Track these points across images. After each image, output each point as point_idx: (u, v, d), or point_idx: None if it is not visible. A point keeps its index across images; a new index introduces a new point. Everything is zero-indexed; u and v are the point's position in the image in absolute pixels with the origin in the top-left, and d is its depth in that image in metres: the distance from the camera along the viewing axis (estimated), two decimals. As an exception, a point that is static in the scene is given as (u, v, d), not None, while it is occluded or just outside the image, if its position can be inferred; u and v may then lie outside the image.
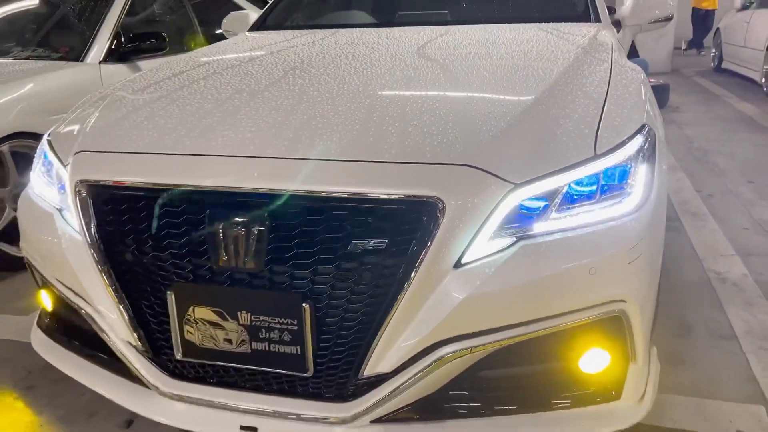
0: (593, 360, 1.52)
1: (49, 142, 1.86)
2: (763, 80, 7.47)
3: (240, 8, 4.87)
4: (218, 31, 4.56)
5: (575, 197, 1.46)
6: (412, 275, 1.37)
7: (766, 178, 4.08)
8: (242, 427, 1.56)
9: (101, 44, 3.52)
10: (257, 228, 1.43)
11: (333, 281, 1.42)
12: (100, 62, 3.45)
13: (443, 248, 1.37)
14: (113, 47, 3.56)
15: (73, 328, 1.87)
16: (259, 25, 3.04)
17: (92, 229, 1.58)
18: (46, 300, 1.92)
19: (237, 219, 1.44)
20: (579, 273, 1.41)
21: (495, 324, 1.42)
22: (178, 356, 1.56)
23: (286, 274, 1.44)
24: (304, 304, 1.42)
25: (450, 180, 1.38)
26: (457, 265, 1.39)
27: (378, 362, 1.44)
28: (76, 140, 1.74)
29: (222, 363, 1.54)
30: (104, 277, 1.58)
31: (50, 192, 1.79)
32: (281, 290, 1.44)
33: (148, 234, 1.53)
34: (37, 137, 2.96)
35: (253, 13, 3.28)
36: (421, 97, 1.70)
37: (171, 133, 1.62)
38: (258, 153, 1.49)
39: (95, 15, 3.69)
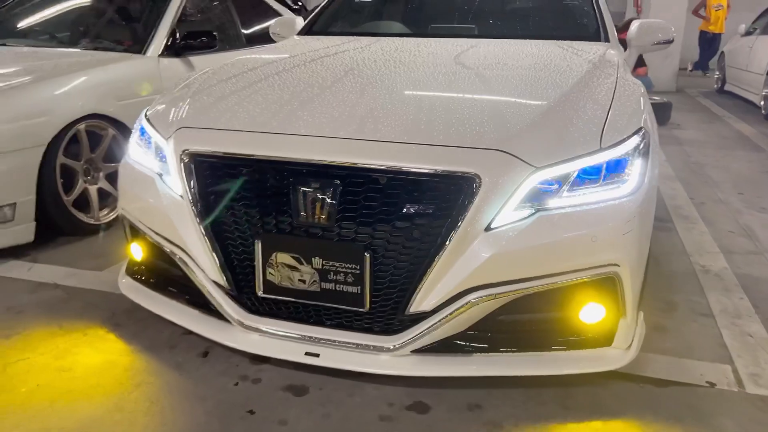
0: (591, 312, 1.90)
1: (148, 119, 2.25)
2: (762, 103, 7.85)
3: (276, 12, 5.27)
4: (249, 31, 4.97)
5: (583, 180, 1.85)
6: (452, 234, 1.76)
7: (755, 190, 4.46)
8: (307, 353, 1.94)
9: (160, 40, 3.92)
10: (331, 192, 1.82)
11: (389, 236, 1.80)
12: (158, 56, 3.85)
13: (477, 214, 1.76)
14: (169, 43, 3.96)
15: (160, 274, 2.26)
16: (306, 31, 3.44)
17: (193, 189, 1.97)
18: (136, 251, 2.31)
19: (315, 185, 1.83)
20: (583, 240, 1.80)
21: (514, 277, 1.80)
22: (260, 293, 1.95)
23: (352, 229, 1.82)
24: (365, 253, 1.81)
25: (486, 161, 1.77)
26: (487, 228, 1.78)
27: (421, 302, 1.82)
28: (176, 119, 2.13)
29: (295, 299, 1.92)
30: (201, 228, 1.97)
31: (148, 159, 2.18)
32: (348, 242, 1.83)
33: (241, 194, 1.91)
34: (105, 119, 3.35)
35: (299, 19, 3.67)
36: (461, 95, 2.09)
37: (260, 116, 2.01)
38: (333, 134, 1.88)
39: (154, 13, 4.09)
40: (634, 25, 3.21)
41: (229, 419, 1.85)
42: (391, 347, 1.88)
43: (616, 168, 1.88)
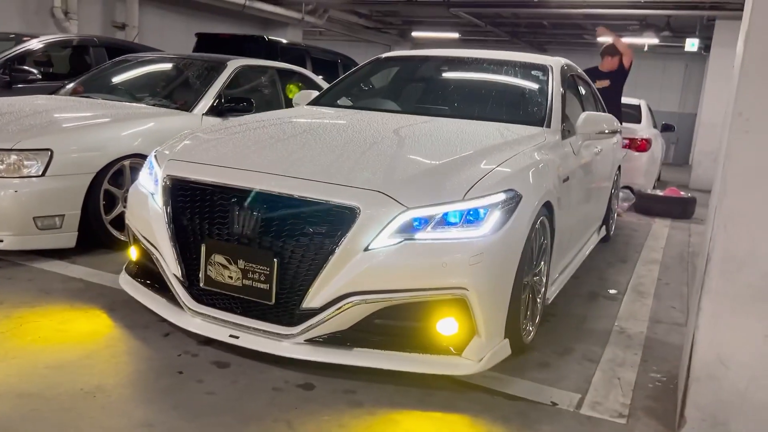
0: (446, 325, 2.42)
1: (155, 156, 3.01)
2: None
3: (318, 87, 6.14)
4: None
5: (446, 221, 2.41)
6: (336, 249, 2.36)
7: (729, 279, 4.72)
8: (230, 335, 2.54)
9: (206, 102, 4.81)
10: (256, 211, 2.47)
11: (292, 247, 2.42)
12: (203, 114, 4.72)
13: (356, 237, 2.35)
14: (214, 105, 4.84)
15: (145, 270, 2.95)
16: (315, 102, 4.19)
17: (168, 205, 2.68)
18: (133, 252, 3.02)
19: (246, 205, 2.49)
20: (436, 264, 2.34)
21: (383, 288, 2.36)
22: (202, 285, 2.59)
23: (267, 240, 2.45)
24: (274, 259, 2.43)
25: (367, 198, 2.38)
26: (366, 249, 2.36)
27: (311, 300, 2.40)
28: (169, 154, 2.88)
29: (225, 292, 2.55)
30: (169, 233, 2.65)
31: (149, 184, 2.92)
32: (263, 249, 2.46)
33: (197, 208, 2.60)
34: (146, 159, 4.17)
35: (314, 93, 4.45)
36: (373, 152, 2.73)
37: (222, 155, 2.73)
38: (267, 170, 2.55)
39: (206, 81, 5.02)
40: (582, 116, 3.75)
41: (162, 374, 2.46)
42: (289, 335, 2.46)
43: (474, 215, 2.43)
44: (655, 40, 14.15)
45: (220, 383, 2.43)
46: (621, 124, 5.42)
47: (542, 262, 3.02)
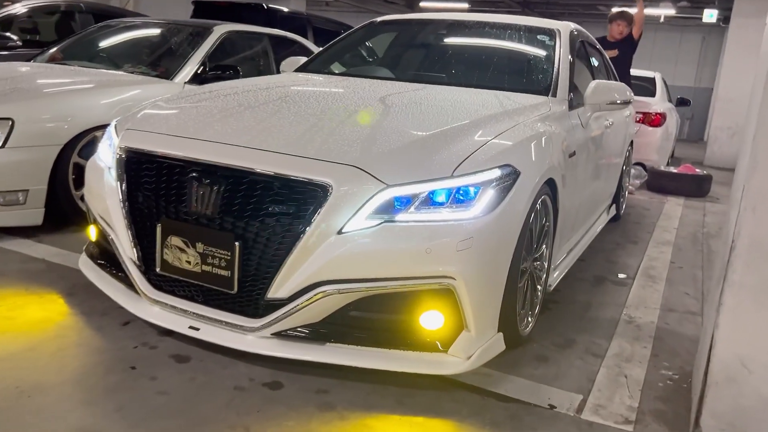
0: (431, 319, 2.13)
1: (114, 126, 2.71)
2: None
3: (310, 52, 5.80)
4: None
5: (432, 200, 2.11)
6: (306, 232, 2.06)
7: (747, 263, 4.40)
8: (190, 327, 2.27)
9: (189, 69, 4.50)
10: (217, 188, 2.17)
11: (255, 229, 2.13)
12: (185, 83, 4.41)
13: (327, 218, 2.05)
14: (198, 73, 4.53)
15: (104, 252, 2.67)
16: (302, 68, 3.87)
17: (123, 180, 2.39)
18: (92, 232, 2.75)
19: (205, 180, 2.19)
20: (419, 250, 2.05)
21: (358, 276, 2.07)
22: (158, 270, 2.31)
23: (228, 221, 2.16)
24: (236, 243, 2.14)
25: (339, 174, 2.08)
26: (339, 232, 2.07)
27: (278, 289, 2.12)
28: (127, 123, 2.58)
29: (183, 278, 2.27)
30: (124, 212, 2.37)
31: (107, 156, 2.63)
32: (224, 231, 2.17)
33: (152, 184, 2.31)
34: (124, 131, 3.89)
35: (302, 59, 4.12)
36: (352, 122, 2.42)
37: (183, 124, 2.42)
38: (228, 141, 2.25)
39: (190, 47, 4.70)
40: (592, 84, 3.41)
41: (112, 369, 2.20)
42: (254, 328, 2.18)
43: (464, 194, 2.13)
44: (671, 11, 13.63)
45: (176, 380, 2.16)
46: (630, 96, 5.09)
47: (543, 246, 2.73)
